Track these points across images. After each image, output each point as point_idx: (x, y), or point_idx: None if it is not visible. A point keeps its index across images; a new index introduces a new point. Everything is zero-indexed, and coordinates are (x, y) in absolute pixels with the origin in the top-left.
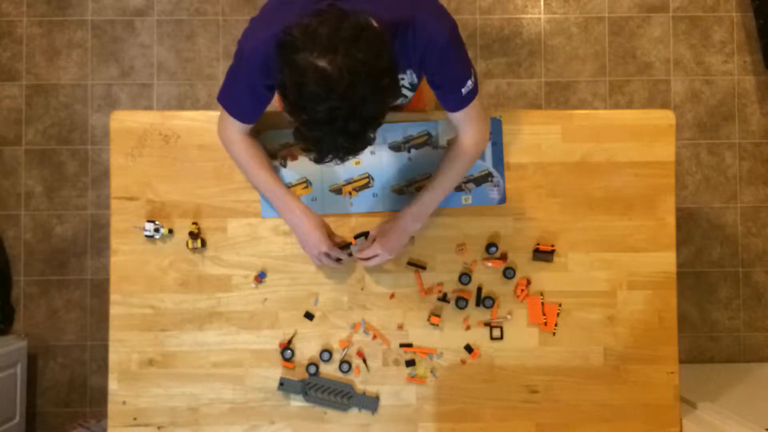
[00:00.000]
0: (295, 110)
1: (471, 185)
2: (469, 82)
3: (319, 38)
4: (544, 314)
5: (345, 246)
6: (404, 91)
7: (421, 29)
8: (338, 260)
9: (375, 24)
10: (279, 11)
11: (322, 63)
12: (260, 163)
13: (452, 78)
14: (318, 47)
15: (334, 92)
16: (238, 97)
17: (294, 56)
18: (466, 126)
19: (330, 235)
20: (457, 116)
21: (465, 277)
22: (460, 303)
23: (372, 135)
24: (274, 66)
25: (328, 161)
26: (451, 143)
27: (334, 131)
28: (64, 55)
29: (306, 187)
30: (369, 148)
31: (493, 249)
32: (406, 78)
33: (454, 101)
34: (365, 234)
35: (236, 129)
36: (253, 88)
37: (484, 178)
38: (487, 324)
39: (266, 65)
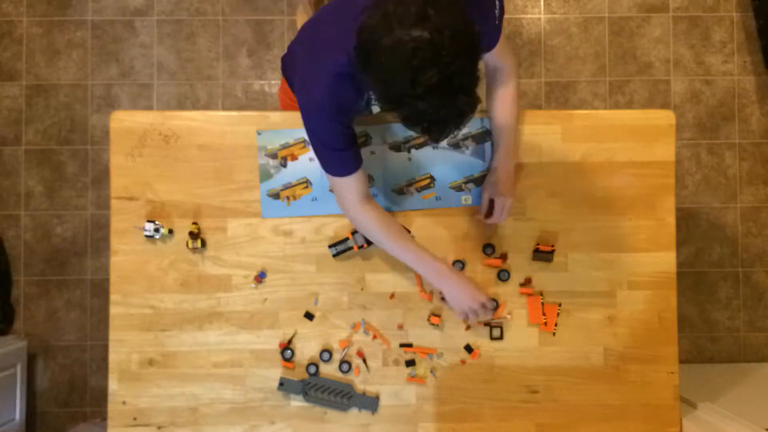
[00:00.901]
0: (405, 91)
1: (471, 185)
2: (496, 10)
3: (403, 14)
4: (544, 314)
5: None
6: None
7: None
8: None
9: None
10: (314, 46)
11: (417, 32)
12: (398, 232)
13: (487, 14)
14: (406, 21)
15: (441, 52)
16: (339, 151)
17: (383, 42)
18: (505, 56)
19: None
20: (495, 52)
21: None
22: None
23: (474, 103)
24: (346, 92)
25: (448, 134)
26: (494, 83)
27: (452, 92)
28: (64, 55)
29: (306, 187)
30: (369, 148)
31: (489, 250)
32: None
33: (492, 35)
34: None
35: (357, 192)
36: (343, 129)
37: (483, 179)
38: (487, 324)
39: (339, 99)
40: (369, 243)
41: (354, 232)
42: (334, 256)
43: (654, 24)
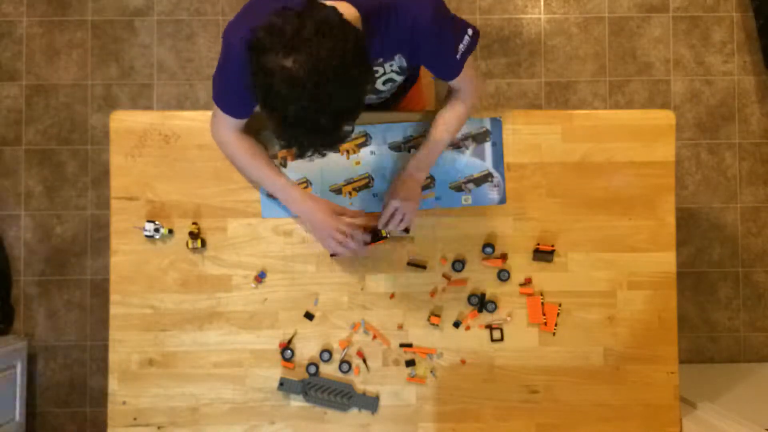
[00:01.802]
0: (268, 111)
1: (471, 185)
2: (461, 46)
3: (282, 37)
4: (544, 314)
5: (374, 233)
6: (392, 76)
7: (403, 12)
8: (363, 243)
9: (341, 14)
10: (261, 4)
11: (287, 63)
12: (259, 158)
13: (446, 50)
14: (282, 47)
15: (301, 92)
16: (230, 93)
17: (261, 58)
18: (464, 86)
19: (340, 214)
20: (455, 81)
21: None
22: (490, 306)
23: (349, 127)
24: None
25: (310, 156)
26: (449, 96)
27: (308, 130)
28: (64, 55)
29: (306, 187)
30: (369, 148)
31: (489, 249)
32: (395, 63)
33: (451, 69)
34: (377, 232)
35: (230, 127)
36: (243, 80)
37: (484, 179)
38: (488, 327)
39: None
40: (369, 242)
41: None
42: (331, 255)
43: (654, 24)
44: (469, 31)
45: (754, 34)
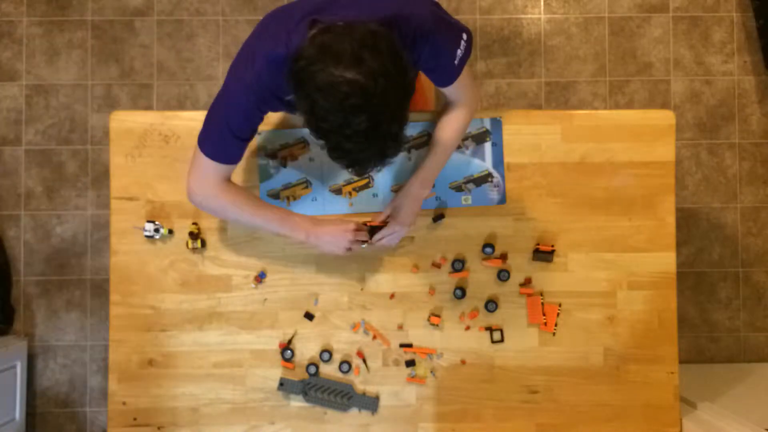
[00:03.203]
0: (333, 129)
1: (471, 185)
2: (459, 51)
3: (340, 52)
4: (544, 314)
5: (372, 230)
6: None
7: (406, 22)
8: (363, 241)
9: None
10: (261, 40)
11: (351, 75)
12: (254, 202)
13: (445, 56)
14: (343, 61)
15: (372, 100)
16: (226, 138)
17: (318, 77)
18: (462, 92)
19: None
20: (451, 88)
21: (458, 290)
22: (490, 306)
23: (405, 132)
24: (276, 80)
25: (371, 171)
26: (447, 107)
27: (379, 137)
28: (64, 55)
29: (306, 187)
30: None
31: (489, 249)
32: None
33: (449, 75)
34: (377, 228)
35: (219, 178)
36: (255, 120)
37: (483, 179)
38: (488, 328)
39: (269, 85)
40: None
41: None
42: None
43: (654, 24)
44: (464, 36)
45: (754, 34)
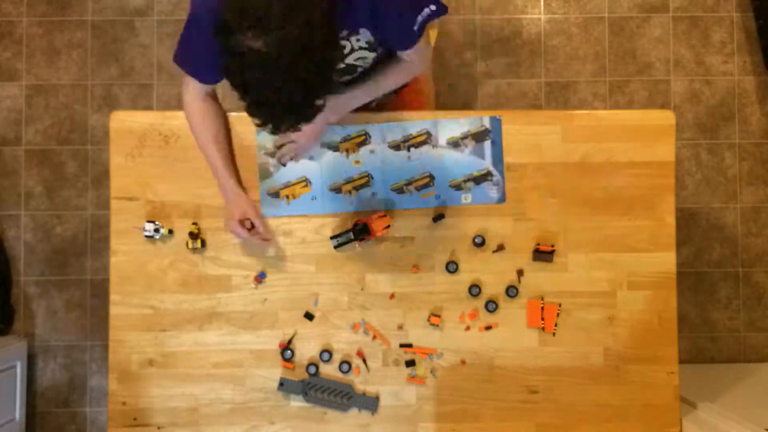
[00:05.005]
0: (240, 92)
1: (470, 184)
2: (419, 18)
3: (250, 17)
4: (542, 319)
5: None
6: (363, 53)
7: None
8: (254, 231)
9: None
10: None
11: (257, 44)
12: (208, 132)
13: (404, 20)
14: (251, 28)
15: (275, 73)
16: (196, 52)
17: (230, 40)
18: (416, 55)
19: (255, 215)
20: (408, 53)
21: (475, 288)
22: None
23: (321, 101)
24: None
25: (284, 131)
26: (400, 60)
27: (283, 107)
28: (64, 55)
29: (305, 185)
30: (368, 147)
31: (479, 239)
32: (362, 38)
33: (407, 40)
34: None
35: (195, 91)
36: (212, 49)
37: (483, 177)
38: (488, 328)
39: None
40: (364, 240)
41: (355, 225)
42: (335, 247)
43: (654, 24)
44: (432, 6)
45: (754, 34)
